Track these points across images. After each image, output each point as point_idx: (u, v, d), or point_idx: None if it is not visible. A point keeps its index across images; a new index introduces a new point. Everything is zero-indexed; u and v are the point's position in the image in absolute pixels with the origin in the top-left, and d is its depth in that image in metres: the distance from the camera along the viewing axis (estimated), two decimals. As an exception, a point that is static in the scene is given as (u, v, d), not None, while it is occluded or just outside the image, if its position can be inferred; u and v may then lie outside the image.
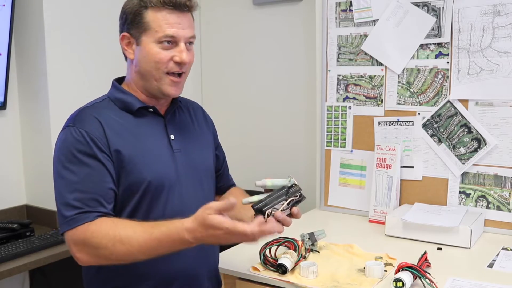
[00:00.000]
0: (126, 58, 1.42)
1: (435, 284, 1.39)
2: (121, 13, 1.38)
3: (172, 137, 1.42)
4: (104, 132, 1.31)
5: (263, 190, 1.39)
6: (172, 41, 1.34)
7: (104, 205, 1.30)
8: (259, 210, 1.28)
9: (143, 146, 1.36)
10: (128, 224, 1.26)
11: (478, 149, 1.96)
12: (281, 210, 1.31)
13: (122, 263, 1.27)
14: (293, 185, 1.37)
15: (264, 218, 1.28)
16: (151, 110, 1.41)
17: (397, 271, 1.43)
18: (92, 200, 1.28)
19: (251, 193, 1.65)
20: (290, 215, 1.35)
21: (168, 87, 1.37)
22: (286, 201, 1.32)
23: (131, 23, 1.35)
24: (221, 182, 1.68)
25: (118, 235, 1.22)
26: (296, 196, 1.36)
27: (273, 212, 1.30)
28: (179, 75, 1.38)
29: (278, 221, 1.31)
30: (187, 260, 1.40)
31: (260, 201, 1.30)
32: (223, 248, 1.83)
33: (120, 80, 1.47)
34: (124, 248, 1.22)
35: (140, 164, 1.33)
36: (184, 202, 1.40)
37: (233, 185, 1.73)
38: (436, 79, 2.03)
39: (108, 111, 1.37)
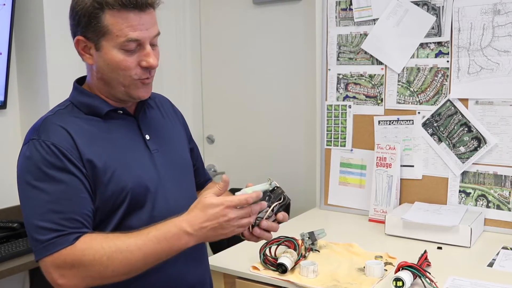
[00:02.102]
0: (83, 60, 1.28)
1: (435, 283, 1.39)
2: (72, 13, 1.23)
3: (148, 137, 1.31)
4: (74, 141, 1.18)
5: None
6: (136, 45, 1.20)
7: (86, 224, 1.17)
8: None
9: (118, 151, 1.24)
10: (120, 234, 1.17)
11: (478, 148, 1.96)
12: (266, 218, 1.25)
13: (116, 279, 1.16)
14: (275, 188, 1.27)
15: (249, 229, 1.25)
16: (121, 112, 1.29)
17: (397, 270, 1.43)
18: (71, 220, 1.15)
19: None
20: (276, 220, 1.30)
21: (139, 91, 1.25)
22: (269, 207, 1.24)
23: (86, 27, 1.20)
24: (198, 177, 1.56)
25: (113, 245, 1.14)
26: (280, 200, 1.26)
27: (257, 221, 1.24)
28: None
29: (264, 230, 1.28)
30: (179, 267, 1.31)
31: None
32: (222, 247, 1.83)
33: (81, 80, 1.33)
34: (122, 257, 1.13)
35: (118, 172, 1.21)
36: (170, 204, 1.30)
37: (210, 179, 1.64)
38: (436, 78, 2.03)
39: (74, 118, 1.24)
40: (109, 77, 1.23)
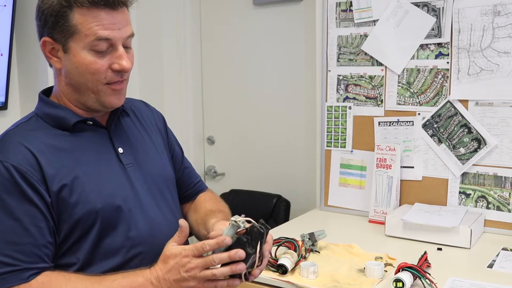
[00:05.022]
0: (51, 65, 1.19)
1: (435, 284, 1.40)
2: (38, 13, 1.14)
3: (121, 150, 1.21)
4: (37, 160, 1.08)
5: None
6: (107, 46, 1.11)
7: (44, 259, 1.06)
8: (233, 276, 1.08)
9: (87, 168, 1.13)
10: (83, 276, 1.07)
11: (478, 149, 1.96)
12: (257, 266, 1.10)
13: None
14: (247, 228, 1.07)
15: (243, 280, 1.10)
16: (91, 123, 1.18)
17: (397, 271, 1.44)
18: (26, 253, 1.04)
19: (246, 193, 1.59)
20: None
21: (110, 98, 1.15)
22: (255, 253, 1.07)
23: (53, 27, 1.11)
24: (184, 188, 1.44)
25: None
26: (260, 239, 1.07)
27: (248, 271, 1.09)
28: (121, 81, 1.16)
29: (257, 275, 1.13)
30: None
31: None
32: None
33: (48, 91, 1.24)
34: None
35: (86, 191, 1.11)
36: (150, 223, 1.20)
37: (202, 189, 1.50)
38: (436, 79, 2.03)
39: (38, 132, 1.14)
40: (77, 82, 1.13)
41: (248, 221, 1.08)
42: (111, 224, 1.14)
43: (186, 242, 1.13)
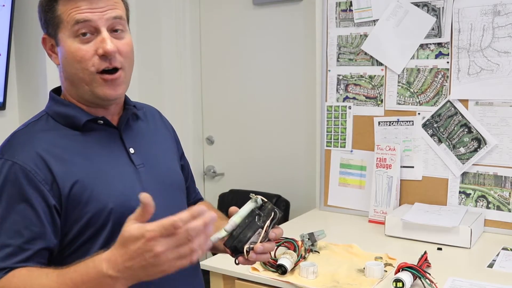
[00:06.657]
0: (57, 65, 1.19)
1: (435, 284, 1.39)
2: (37, 12, 1.18)
3: (132, 150, 1.19)
4: (44, 160, 1.07)
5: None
6: (91, 31, 1.09)
7: (29, 259, 1.04)
8: (235, 249, 1.08)
9: (97, 167, 1.12)
10: (47, 270, 1.01)
11: (478, 149, 1.96)
12: (261, 242, 1.10)
13: None
14: (263, 204, 1.12)
15: (245, 256, 1.09)
16: (101, 122, 1.16)
17: (397, 271, 1.43)
18: (10, 254, 1.03)
19: (246, 193, 1.57)
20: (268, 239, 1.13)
21: (103, 89, 1.12)
22: (262, 229, 1.09)
23: (45, 22, 1.14)
24: (188, 197, 1.42)
25: (29, 285, 0.99)
26: (270, 216, 1.11)
27: (251, 246, 1.09)
28: (113, 71, 1.12)
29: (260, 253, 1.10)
30: (169, 283, 1.12)
31: (232, 235, 1.09)
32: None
33: (59, 90, 1.22)
34: None
35: (97, 190, 1.09)
36: None
37: (200, 199, 1.48)
38: (436, 79, 2.03)
39: (47, 132, 1.13)
40: (70, 74, 1.12)
41: (263, 200, 1.12)
42: (121, 227, 1.09)
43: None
